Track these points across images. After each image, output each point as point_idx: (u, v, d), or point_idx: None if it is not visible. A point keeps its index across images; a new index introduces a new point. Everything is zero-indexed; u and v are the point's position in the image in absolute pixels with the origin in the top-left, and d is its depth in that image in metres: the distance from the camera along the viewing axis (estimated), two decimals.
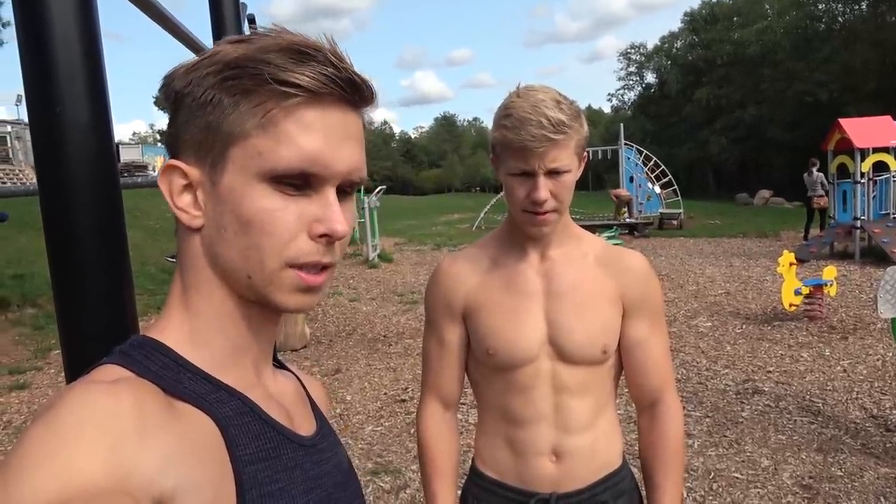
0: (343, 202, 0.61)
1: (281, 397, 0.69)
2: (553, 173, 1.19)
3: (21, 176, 17.20)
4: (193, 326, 0.62)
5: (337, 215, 0.59)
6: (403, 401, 5.11)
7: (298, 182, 0.58)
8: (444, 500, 1.37)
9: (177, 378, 0.58)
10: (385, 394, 5.32)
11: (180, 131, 0.60)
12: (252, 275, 0.59)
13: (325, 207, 0.59)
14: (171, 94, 0.60)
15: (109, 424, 0.48)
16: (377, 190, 15.27)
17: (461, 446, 4.16)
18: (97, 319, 0.84)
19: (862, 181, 11.19)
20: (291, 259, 0.59)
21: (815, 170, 13.66)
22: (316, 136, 0.57)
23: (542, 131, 1.15)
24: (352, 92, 0.59)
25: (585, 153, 1.28)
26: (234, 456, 0.57)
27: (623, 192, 19.11)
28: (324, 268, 0.61)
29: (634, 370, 1.36)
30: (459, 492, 1.45)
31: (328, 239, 0.59)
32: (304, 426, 0.70)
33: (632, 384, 1.38)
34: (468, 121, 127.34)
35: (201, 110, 0.58)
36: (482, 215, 22.59)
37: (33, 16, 0.75)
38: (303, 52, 0.57)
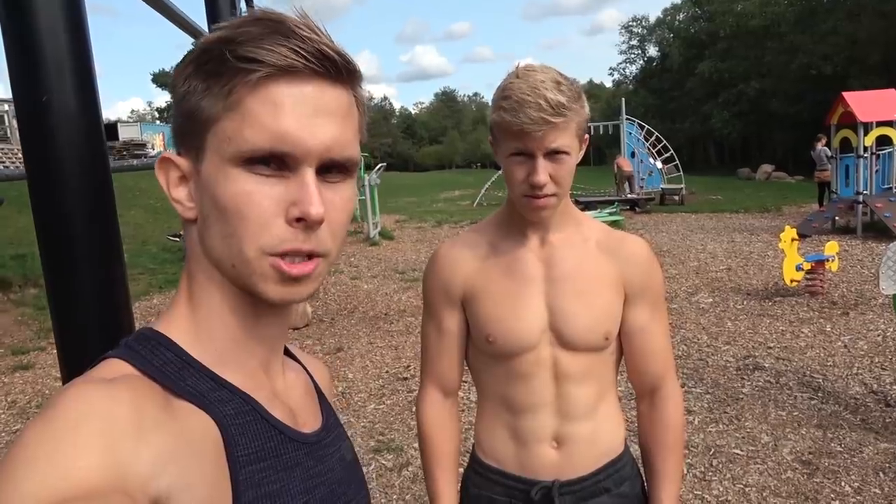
0: (332, 184, 0.59)
1: (287, 395, 0.68)
2: (553, 154, 1.17)
3: (19, 154, 17.12)
4: (197, 319, 0.61)
5: (311, 197, 0.55)
6: (405, 379, 5.14)
7: (271, 163, 0.56)
8: (445, 489, 1.37)
9: (179, 375, 0.57)
10: (387, 372, 5.34)
11: (174, 123, 0.60)
12: (235, 263, 0.58)
13: (300, 189, 0.56)
14: (169, 88, 0.61)
15: (106, 425, 0.48)
16: (377, 167, 15.20)
17: (464, 423, 4.18)
18: (90, 306, 0.84)
19: (865, 155, 11.11)
20: (269, 247, 0.56)
21: (819, 145, 13.56)
22: (284, 113, 0.55)
23: (541, 114, 1.12)
24: (322, 64, 0.56)
25: (587, 135, 1.26)
26: (232, 456, 0.56)
27: (626, 163, 18.98)
28: (311, 256, 0.58)
29: (636, 357, 1.34)
30: (460, 477, 1.45)
31: (304, 223, 0.56)
32: (310, 422, 0.69)
33: (632, 370, 1.37)
34: (468, 96, 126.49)
35: (183, 100, 0.57)
36: (483, 192, 22.52)
37: (18, 6, 0.73)
38: (266, 25, 0.55)
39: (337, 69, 0.57)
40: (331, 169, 0.59)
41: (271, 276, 0.57)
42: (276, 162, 0.56)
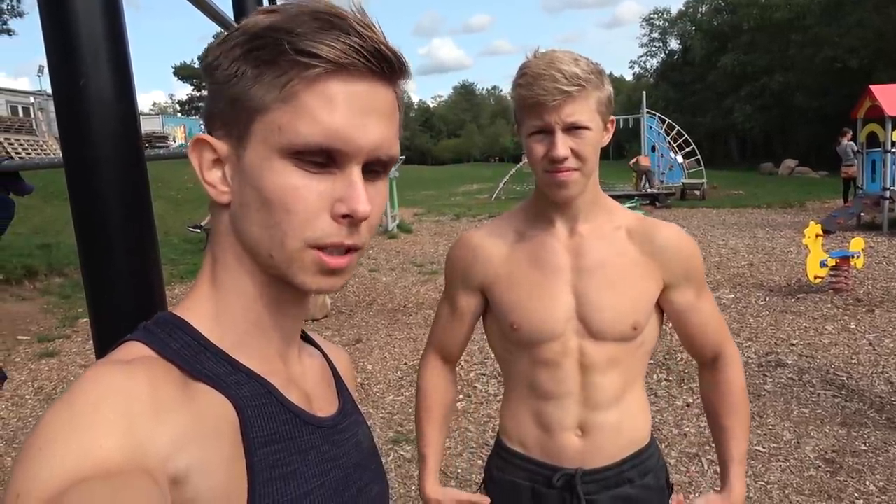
0: (372, 181, 0.59)
1: (303, 380, 0.68)
2: (572, 129, 1.16)
3: (45, 147, 17.38)
4: (219, 303, 0.62)
5: (359, 195, 0.56)
6: None
7: (321, 159, 0.56)
8: (432, 439, 1.45)
9: (196, 358, 0.58)
10: (405, 364, 5.36)
11: (211, 105, 0.60)
12: (274, 254, 0.58)
13: (348, 186, 0.57)
14: (205, 68, 0.59)
15: (124, 405, 0.49)
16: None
17: (482, 416, 4.19)
18: (125, 294, 0.85)
19: (892, 150, 10.89)
20: (312, 240, 0.57)
21: (844, 139, 13.32)
22: (338, 109, 0.55)
23: (556, 84, 1.13)
24: (379, 63, 0.56)
25: (613, 118, 1.25)
26: (248, 438, 0.57)
27: (644, 158, 18.80)
28: (348, 250, 0.59)
29: (690, 332, 1.36)
30: (484, 463, 1.46)
31: (350, 220, 0.57)
32: (326, 407, 0.70)
33: (689, 346, 1.40)
34: (487, 89, 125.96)
35: (228, 83, 0.57)
36: (501, 186, 22.45)
37: None
38: (327, 20, 0.55)
39: (392, 69, 0.58)
40: (373, 166, 0.59)
41: (311, 268, 0.58)
42: (325, 157, 0.56)
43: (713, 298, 1.40)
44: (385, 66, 0.57)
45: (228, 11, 1.54)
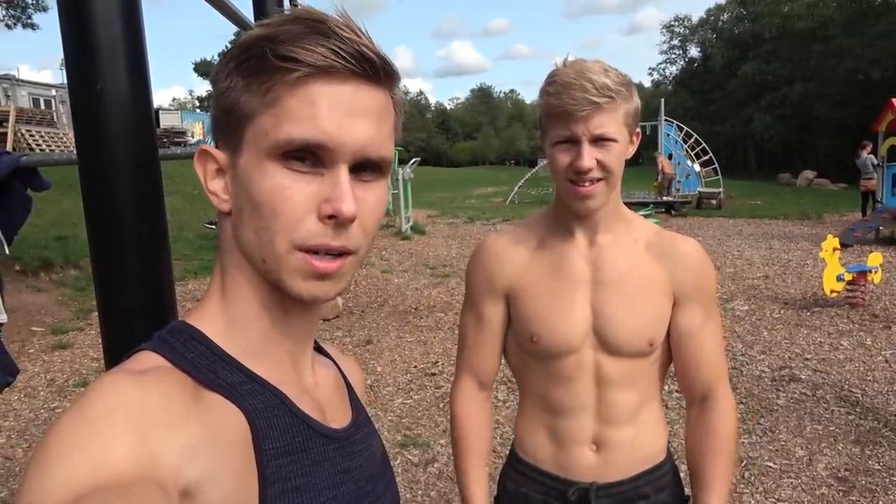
0: (366, 183, 0.59)
1: (316, 391, 0.68)
2: (599, 140, 1.14)
3: (65, 139, 17.56)
4: (229, 313, 0.62)
5: (344, 195, 0.56)
6: (433, 374, 5.14)
7: (307, 157, 0.56)
8: (475, 479, 1.35)
9: (210, 368, 0.58)
10: (415, 367, 5.35)
11: (213, 117, 0.61)
12: (266, 258, 0.58)
13: (333, 186, 0.57)
14: (210, 83, 0.61)
15: (137, 415, 0.49)
16: (411, 161, 15.24)
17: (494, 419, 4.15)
18: (135, 292, 0.84)
19: None
20: (299, 241, 0.57)
21: (864, 152, 13.17)
22: (320, 109, 0.56)
23: (585, 94, 1.11)
24: (360, 65, 0.57)
25: (638, 129, 1.23)
26: (260, 449, 0.56)
27: (668, 165, 18.71)
28: (340, 254, 0.58)
29: (685, 362, 1.30)
30: (498, 473, 1.44)
31: (336, 220, 0.56)
32: (339, 418, 0.69)
33: (681, 376, 1.33)
34: (504, 93, 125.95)
35: (223, 95, 0.59)
36: (516, 189, 22.44)
37: None
38: (307, 25, 0.56)
39: (375, 70, 0.58)
40: (365, 168, 0.59)
41: (299, 271, 0.58)
42: (312, 157, 0.56)
43: (720, 333, 1.33)
44: (368, 67, 0.57)
45: (248, 12, 1.55)
